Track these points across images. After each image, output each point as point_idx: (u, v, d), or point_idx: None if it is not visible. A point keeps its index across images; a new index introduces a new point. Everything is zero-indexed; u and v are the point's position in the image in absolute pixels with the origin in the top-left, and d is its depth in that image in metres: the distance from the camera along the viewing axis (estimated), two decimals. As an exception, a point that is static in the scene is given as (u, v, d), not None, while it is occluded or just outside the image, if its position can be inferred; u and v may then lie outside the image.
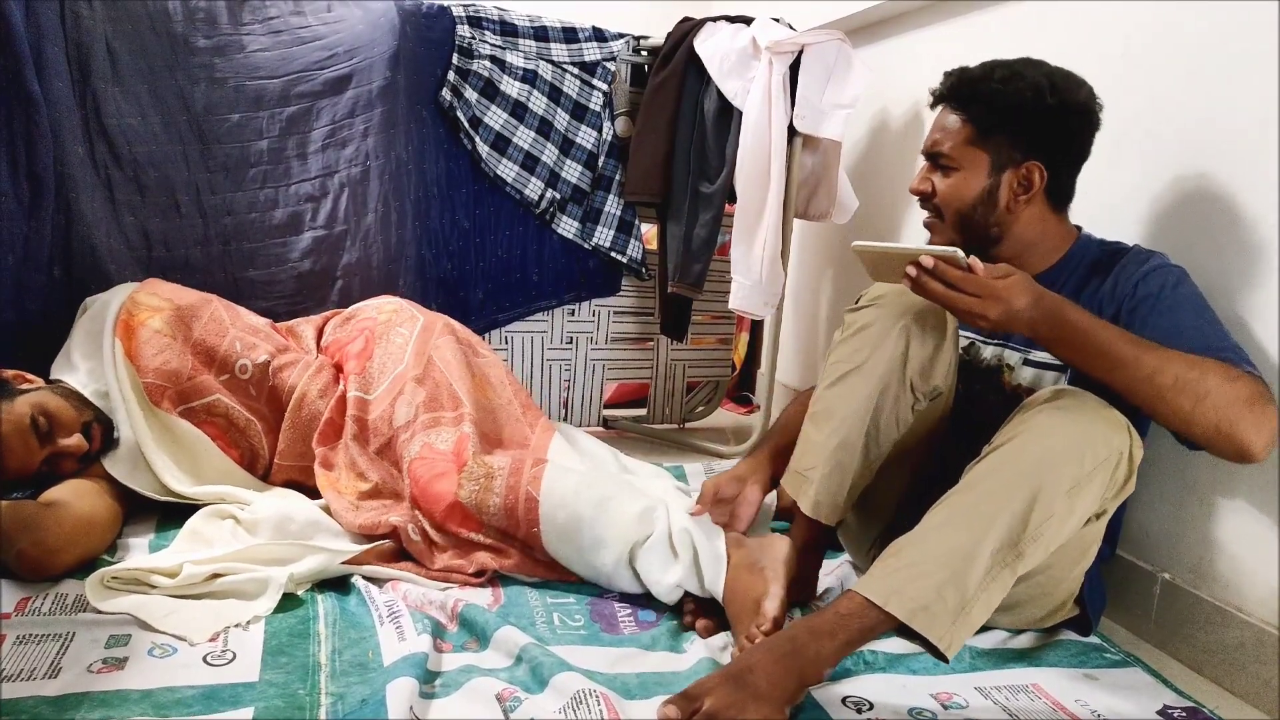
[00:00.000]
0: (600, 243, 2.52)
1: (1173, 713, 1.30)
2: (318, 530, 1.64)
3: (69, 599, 1.37)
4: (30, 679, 1.15)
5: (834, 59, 2.24)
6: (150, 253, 2.10)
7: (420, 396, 1.77)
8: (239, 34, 2.21)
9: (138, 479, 1.68)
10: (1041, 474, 1.19)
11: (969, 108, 1.47)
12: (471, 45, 2.35)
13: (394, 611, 1.39)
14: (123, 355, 1.77)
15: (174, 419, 1.78)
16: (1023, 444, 1.22)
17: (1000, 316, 1.24)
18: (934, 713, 1.25)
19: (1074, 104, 1.43)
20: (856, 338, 1.45)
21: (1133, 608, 1.59)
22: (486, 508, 1.56)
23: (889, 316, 1.42)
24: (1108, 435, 1.23)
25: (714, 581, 1.45)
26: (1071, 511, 1.21)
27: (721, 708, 1.09)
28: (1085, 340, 1.25)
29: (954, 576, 1.15)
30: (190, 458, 1.78)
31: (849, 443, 1.43)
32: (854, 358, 1.44)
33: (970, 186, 1.47)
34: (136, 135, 2.09)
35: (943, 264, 1.25)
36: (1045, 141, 1.44)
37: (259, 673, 1.22)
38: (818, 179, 2.41)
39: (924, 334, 1.40)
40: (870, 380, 1.42)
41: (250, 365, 1.86)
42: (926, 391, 1.43)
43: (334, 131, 2.22)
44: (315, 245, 2.21)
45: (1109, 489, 1.25)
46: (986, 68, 1.48)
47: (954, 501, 1.23)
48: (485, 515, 1.56)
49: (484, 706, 1.17)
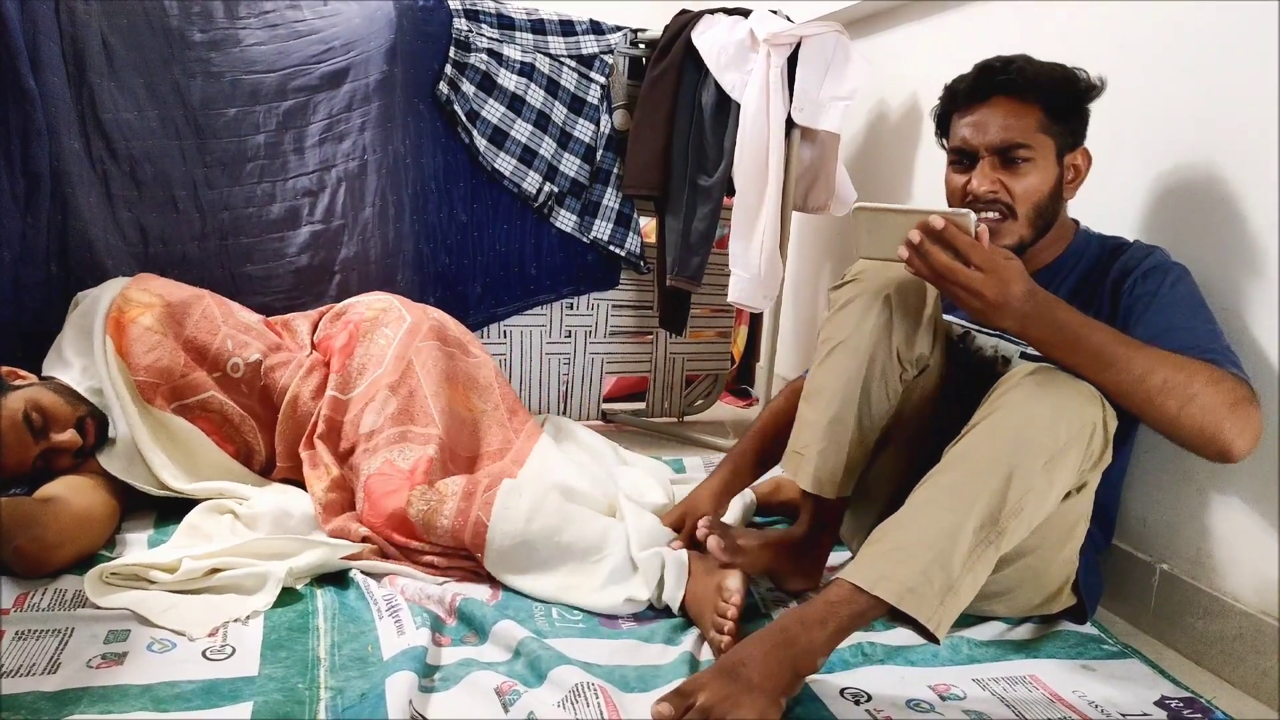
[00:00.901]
0: (598, 236, 2.51)
1: (1170, 703, 1.30)
2: (315, 525, 1.64)
3: (68, 594, 1.37)
4: (30, 674, 1.16)
5: (832, 51, 2.23)
6: (147, 248, 2.10)
7: (391, 407, 1.74)
8: (235, 28, 2.21)
9: (134, 475, 1.68)
10: (1018, 449, 1.19)
11: (1033, 94, 1.42)
12: (468, 38, 2.34)
13: (393, 606, 1.39)
14: (114, 352, 1.76)
15: (168, 415, 1.78)
16: (997, 421, 1.23)
17: (995, 298, 1.21)
18: (931, 704, 1.25)
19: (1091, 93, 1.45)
20: (840, 314, 1.45)
21: (1131, 598, 1.59)
22: (434, 528, 1.54)
23: (870, 290, 1.42)
24: (1080, 407, 1.23)
25: (673, 593, 1.45)
26: (1051, 485, 1.21)
27: (715, 702, 1.09)
28: (1076, 340, 1.25)
29: (939, 557, 1.16)
30: (186, 454, 1.77)
31: (841, 416, 1.44)
32: (839, 333, 1.44)
33: (1048, 176, 1.43)
34: (133, 130, 2.08)
35: (954, 229, 1.21)
36: (1084, 126, 1.46)
37: (258, 667, 1.22)
38: (816, 171, 2.40)
39: (905, 304, 1.40)
40: (857, 353, 1.42)
41: (242, 364, 1.85)
42: (913, 360, 1.43)
43: (331, 126, 2.22)
44: (313, 240, 2.21)
45: (1085, 460, 1.25)
46: (1021, 59, 1.44)
47: (934, 482, 1.23)
48: (433, 535, 1.54)
49: (483, 700, 1.17)
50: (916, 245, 1.22)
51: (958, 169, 1.48)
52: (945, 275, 1.22)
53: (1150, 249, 1.43)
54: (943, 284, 1.24)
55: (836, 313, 1.46)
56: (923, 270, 1.24)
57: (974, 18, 2.13)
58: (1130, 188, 1.64)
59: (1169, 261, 1.40)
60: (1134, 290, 1.38)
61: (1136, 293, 1.37)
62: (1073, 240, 1.50)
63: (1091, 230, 1.52)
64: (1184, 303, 1.35)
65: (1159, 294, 1.35)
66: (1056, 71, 1.43)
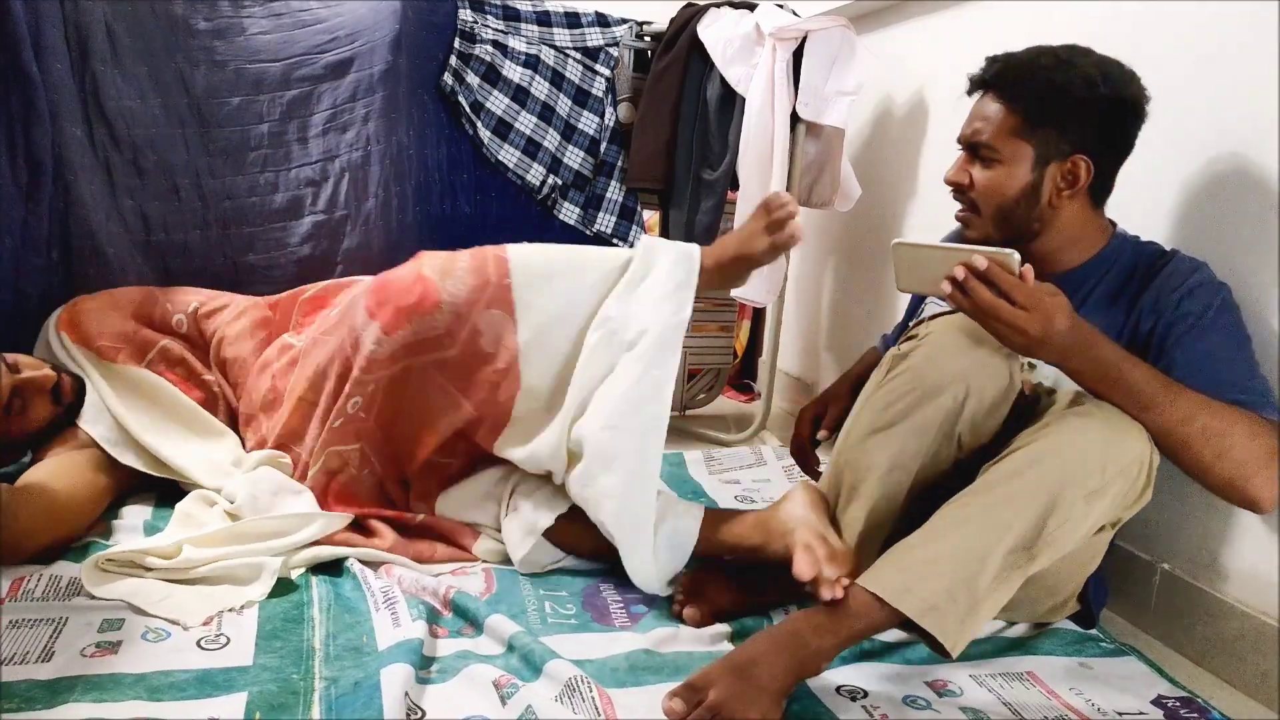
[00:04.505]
0: (602, 229, 2.51)
1: (1167, 702, 1.29)
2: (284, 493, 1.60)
3: (62, 582, 1.36)
4: (24, 663, 1.15)
5: (838, 46, 2.22)
6: (149, 236, 2.10)
7: None
8: (239, 16, 2.20)
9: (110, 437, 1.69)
10: (1063, 479, 1.18)
11: (1015, 96, 1.39)
12: (474, 30, 2.34)
13: (390, 598, 1.39)
14: (70, 340, 1.81)
15: (130, 368, 1.80)
16: (1044, 448, 1.21)
17: (1039, 334, 1.20)
18: (928, 701, 1.25)
19: (1125, 97, 1.37)
20: (907, 385, 1.34)
21: (1132, 598, 1.58)
22: (452, 273, 1.50)
23: (948, 366, 1.31)
24: (1130, 443, 1.22)
25: None
26: (1087, 516, 1.20)
27: (726, 699, 1.10)
28: (1118, 376, 1.24)
29: (967, 578, 1.15)
30: (151, 401, 1.78)
31: (890, 496, 1.35)
32: (903, 408, 1.33)
33: (1013, 180, 1.40)
34: (136, 118, 2.08)
35: (997, 268, 1.20)
36: (1093, 135, 1.38)
37: (253, 656, 1.22)
38: (820, 166, 2.39)
39: (984, 390, 1.31)
40: (916, 437, 1.32)
41: (184, 318, 1.92)
42: (972, 447, 1.34)
43: (335, 116, 2.22)
44: (315, 230, 2.20)
45: (1127, 496, 1.24)
46: (1033, 54, 1.41)
47: (970, 502, 1.22)
48: (450, 281, 1.49)
49: (481, 693, 1.16)
50: (960, 282, 1.22)
51: None
52: (989, 313, 1.21)
53: (1196, 264, 1.38)
54: (986, 321, 1.23)
55: (901, 379, 1.34)
56: (965, 306, 1.23)
57: (981, 12, 2.12)
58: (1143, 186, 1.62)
59: (1215, 281, 1.36)
60: (1179, 307, 1.34)
61: (1181, 310, 1.33)
62: (1106, 245, 1.45)
63: (1127, 234, 1.48)
64: (1226, 332, 1.32)
65: (1204, 318, 1.32)
66: (1047, 77, 1.37)
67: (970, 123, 1.45)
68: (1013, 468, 1.21)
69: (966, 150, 1.47)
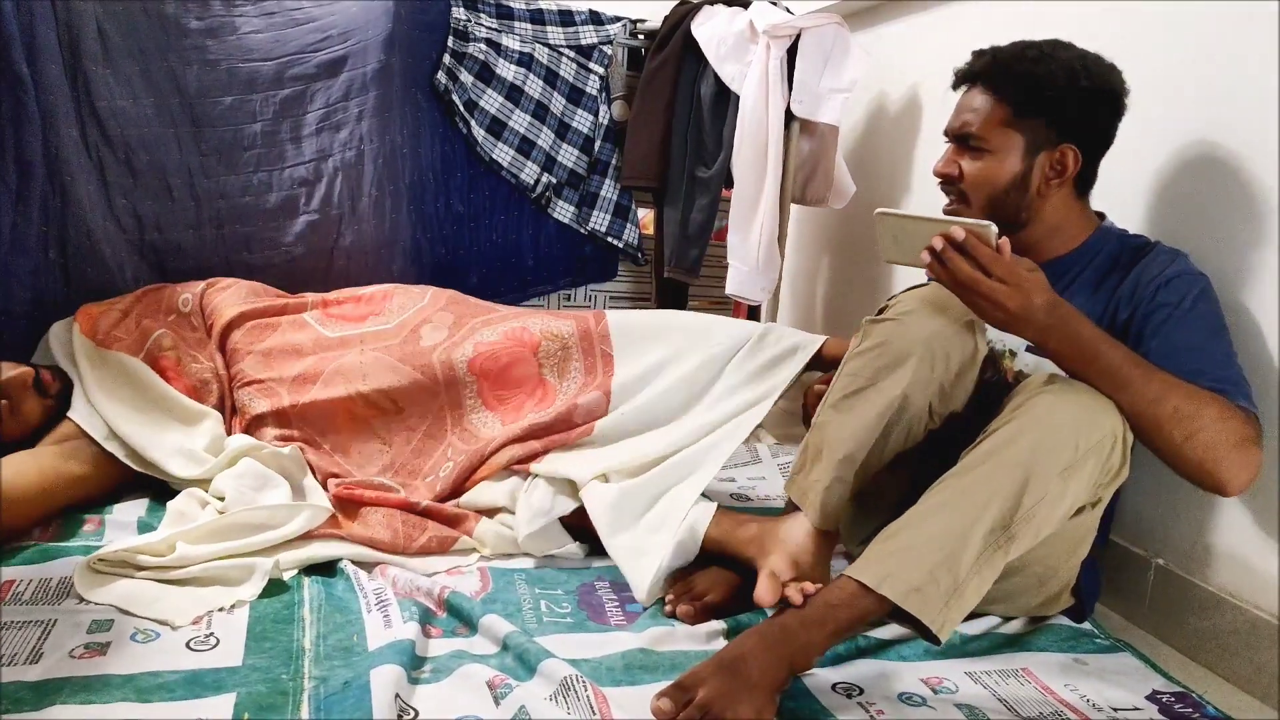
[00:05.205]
0: (596, 227, 2.50)
1: (1162, 698, 1.29)
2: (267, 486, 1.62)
3: (52, 584, 1.36)
4: (11, 664, 1.15)
5: (831, 43, 2.22)
6: (143, 236, 2.10)
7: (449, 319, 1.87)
8: (231, 16, 2.20)
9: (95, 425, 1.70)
10: (1035, 456, 1.18)
11: (1004, 88, 1.41)
12: (467, 28, 2.33)
13: (382, 599, 1.38)
14: (78, 331, 1.85)
15: (114, 353, 1.84)
16: (1017, 428, 1.21)
17: (1018, 309, 1.21)
18: (924, 697, 1.24)
19: (1106, 88, 1.40)
20: (875, 353, 1.38)
21: (1126, 593, 1.58)
22: (557, 335, 1.78)
23: (913, 334, 1.35)
24: (1101, 418, 1.22)
25: None
26: (1064, 494, 1.20)
27: (715, 698, 1.09)
28: (1095, 356, 1.24)
29: (947, 558, 1.15)
30: (132, 387, 1.80)
31: (853, 457, 1.37)
32: (871, 375, 1.37)
33: (1003, 170, 1.42)
34: (128, 118, 2.07)
35: (975, 240, 1.21)
36: (1077, 125, 1.41)
37: (242, 657, 1.21)
38: (815, 164, 2.39)
39: (949, 356, 1.34)
40: (883, 400, 1.35)
41: (191, 297, 1.96)
42: (944, 414, 1.38)
43: (328, 115, 2.21)
44: (309, 229, 2.20)
45: (1103, 474, 1.24)
46: (1018, 48, 1.43)
47: (948, 485, 1.22)
48: (556, 343, 1.77)
49: (474, 693, 1.16)
50: (939, 253, 1.22)
51: None
52: (967, 285, 1.22)
53: (1175, 254, 1.39)
54: (965, 294, 1.24)
55: (870, 350, 1.39)
56: (944, 278, 1.24)
57: (974, 10, 2.12)
58: (1130, 179, 1.62)
59: (1194, 271, 1.37)
60: (1155, 297, 1.35)
61: (1158, 300, 1.34)
62: (1091, 235, 1.47)
63: (1114, 226, 1.49)
64: (1203, 321, 1.32)
65: (1180, 307, 1.33)
66: (1031, 69, 1.40)
67: (958, 115, 1.47)
68: (986, 449, 1.22)
69: (955, 142, 1.48)
